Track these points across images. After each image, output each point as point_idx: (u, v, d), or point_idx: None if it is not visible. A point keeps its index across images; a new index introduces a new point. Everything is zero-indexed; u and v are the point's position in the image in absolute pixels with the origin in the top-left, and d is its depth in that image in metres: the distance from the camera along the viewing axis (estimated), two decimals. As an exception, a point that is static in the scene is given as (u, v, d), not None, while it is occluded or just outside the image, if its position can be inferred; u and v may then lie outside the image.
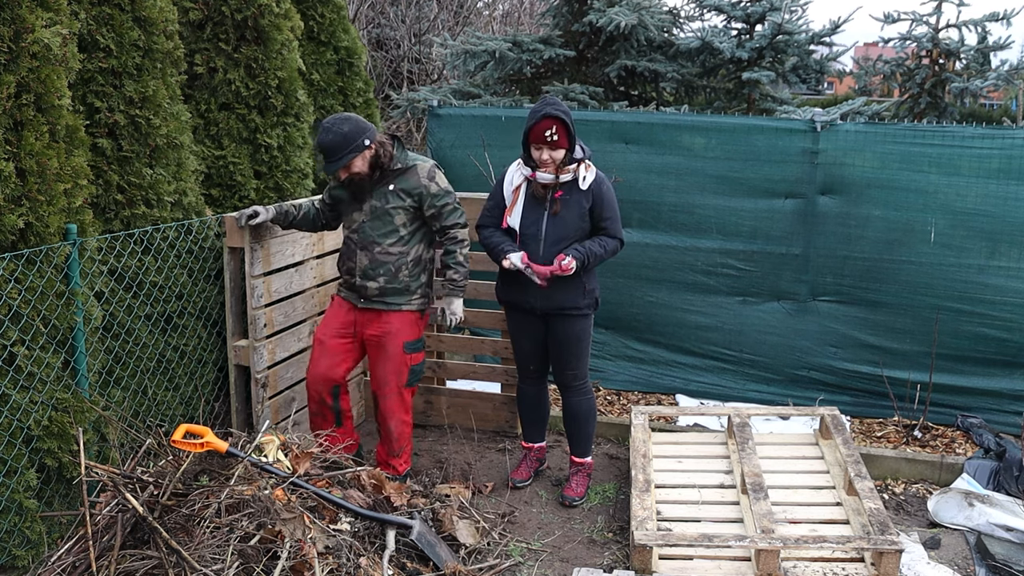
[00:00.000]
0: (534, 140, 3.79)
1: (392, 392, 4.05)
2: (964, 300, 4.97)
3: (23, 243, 3.19)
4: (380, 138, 3.89)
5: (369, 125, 3.87)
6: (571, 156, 3.84)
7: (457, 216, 3.98)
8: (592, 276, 4.04)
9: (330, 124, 3.80)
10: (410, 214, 3.93)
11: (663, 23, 7.68)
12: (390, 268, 3.94)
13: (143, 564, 2.85)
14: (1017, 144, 4.79)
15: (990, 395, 5.02)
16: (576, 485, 4.27)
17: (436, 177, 3.94)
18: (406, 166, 3.92)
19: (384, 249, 3.94)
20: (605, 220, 3.93)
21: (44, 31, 3.13)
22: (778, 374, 5.37)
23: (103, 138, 3.69)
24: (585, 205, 3.90)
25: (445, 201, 3.94)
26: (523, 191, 3.94)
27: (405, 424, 4.15)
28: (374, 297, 3.98)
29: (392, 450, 4.15)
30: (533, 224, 3.92)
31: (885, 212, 5.02)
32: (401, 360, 4.02)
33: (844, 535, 3.61)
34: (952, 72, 7.94)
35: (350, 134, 3.77)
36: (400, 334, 4.00)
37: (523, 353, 4.21)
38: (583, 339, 4.07)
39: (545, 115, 3.74)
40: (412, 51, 10.83)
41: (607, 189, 3.94)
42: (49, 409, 3.32)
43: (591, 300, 4.04)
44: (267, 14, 4.47)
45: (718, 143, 5.28)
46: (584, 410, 4.21)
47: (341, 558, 3.05)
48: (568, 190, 3.89)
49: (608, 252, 3.95)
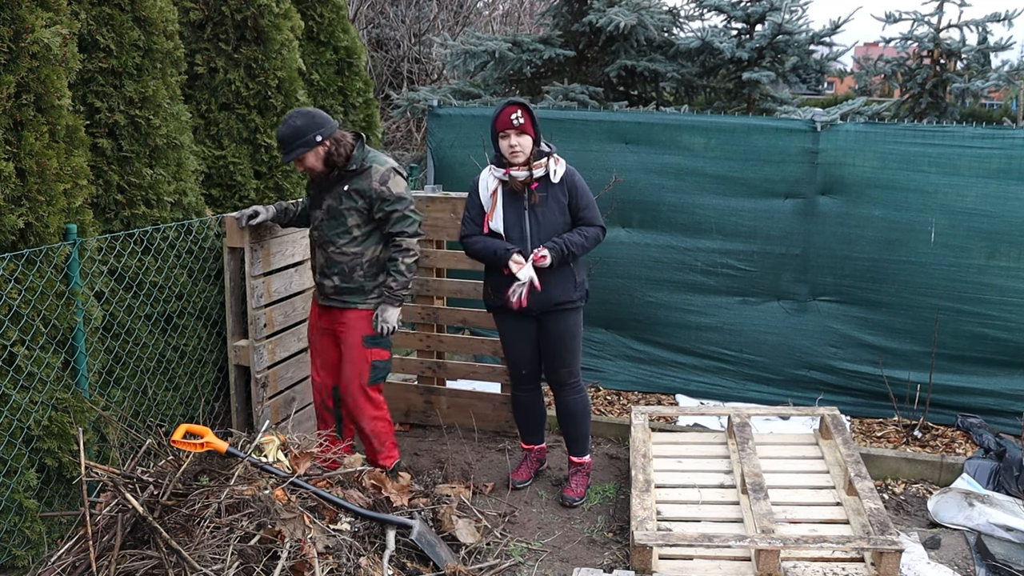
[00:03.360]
0: (501, 127, 3.86)
1: (356, 391, 4.00)
2: (964, 300, 4.96)
3: (23, 243, 3.19)
4: (338, 135, 3.83)
5: (327, 122, 3.81)
6: (538, 149, 3.91)
7: (405, 224, 3.88)
8: (581, 268, 4.08)
9: (288, 116, 3.82)
10: (363, 216, 3.87)
11: (663, 23, 7.68)
12: (344, 268, 3.91)
13: (143, 564, 2.85)
14: (1017, 144, 4.79)
15: (990, 395, 5.01)
16: (575, 485, 4.27)
17: (389, 181, 3.86)
18: (362, 167, 3.86)
19: (338, 248, 3.90)
20: (583, 210, 3.97)
21: (44, 31, 3.13)
22: (778, 374, 5.37)
23: (103, 138, 3.69)
24: (563, 199, 3.95)
25: (395, 207, 3.85)
26: (500, 194, 3.95)
27: (377, 420, 4.08)
28: (331, 295, 3.96)
29: (373, 447, 4.11)
30: (516, 224, 3.93)
31: (885, 212, 5.01)
32: (361, 356, 3.96)
33: (844, 535, 3.61)
34: (953, 72, 7.94)
35: (302, 128, 3.75)
36: (357, 329, 3.95)
37: (515, 357, 4.19)
38: (576, 334, 4.08)
39: (510, 102, 3.89)
40: (412, 51, 10.83)
41: (579, 179, 4.00)
42: (49, 409, 3.32)
43: (582, 292, 4.08)
44: (267, 14, 4.47)
45: (718, 143, 5.28)
46: (579, 408, 4.20)
47: (341, 558, 3.05)
48: (543, 185, 3.93)
49: (590, 240, 3.96)
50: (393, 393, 5.07)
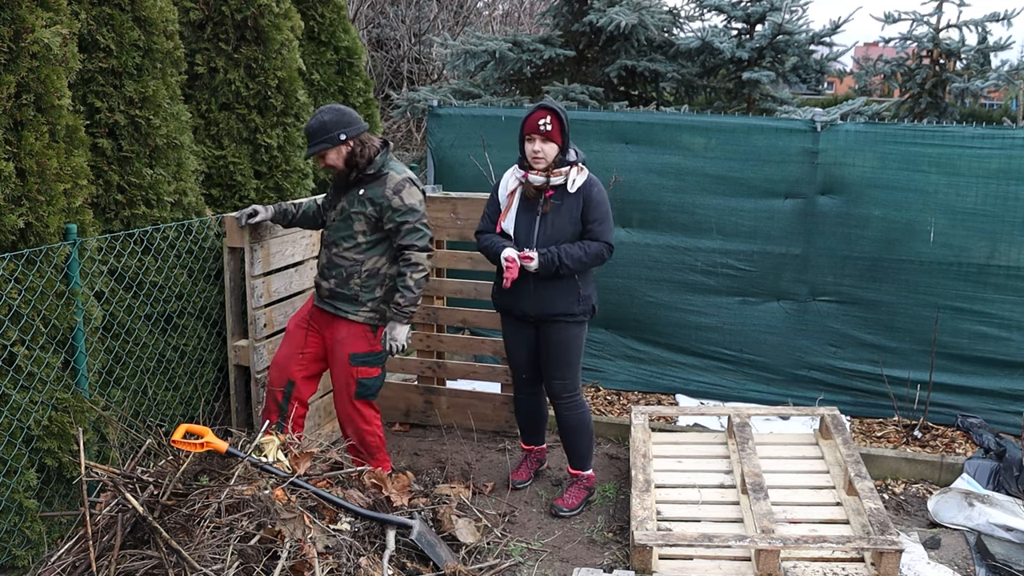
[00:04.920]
0: (528, 130, 3.81)
1: (344, 401, 3.96)
2: (964, 300, 4.97)
3: (23, 243, 3.19)
4: (364, 138, 3.79)
5: (356, 122, 3.78)
6: (563, 157, 3.84)
7: (415, 237, 3.78)
8: (588, 282, 3.98)
9: (319, 110, 3.82)
10: (371, 223, 3.80)
11: (663, 23, 7.68)
12: (342, 272, 3.85)
13: (143, 564, 2.85)
14: (1017, 144, 4.79)
15: (990, 395, 5.01)
16: (568, 497, 4.17)
17: (403, 191, 3.77)
18: (380, 173, 3.80)
19: (341, 252, 3.86)
20: (591, 223, 3.85)
21: (44, 31, 3.13)
22: (778, 374, 5.37)
23: (103, 138, 3.69)
24: (576, 209, 3.85)
25: (405, 219, 3.76)
26: (517, 195, 3.92)
27: (365, 432, 4.00)
28: (326, 298, 3.92)
29: (363, 456, 4.03)
30: (525, 227, 3.89)
31: (885, 212, 5.02)
32: (347, 372, 3.90)
33: (844, 535, 3.61)
34: (952, 72, 7.94)
35: (328, 123, 3.73)
36: (346, 344, 3.88)
37: (515, 360, 4.17)
38: (572, 346, 3.99)
39: (541, 106, 3.83)
40: (412, 51, 10.83)
41: (597, 192, 3.89)
42: (49, 409, 3.32)
43: (586, 307, 3.97)
44: (267, 14, 4.47)
45: (718, 143, 5.28)
46: (575, 425, 4.11)
47: (341, 558, 3.05)
48: (559, 194, 3.86)
49: (590, 255, 3.83)
50: (393, 393, 5.08)
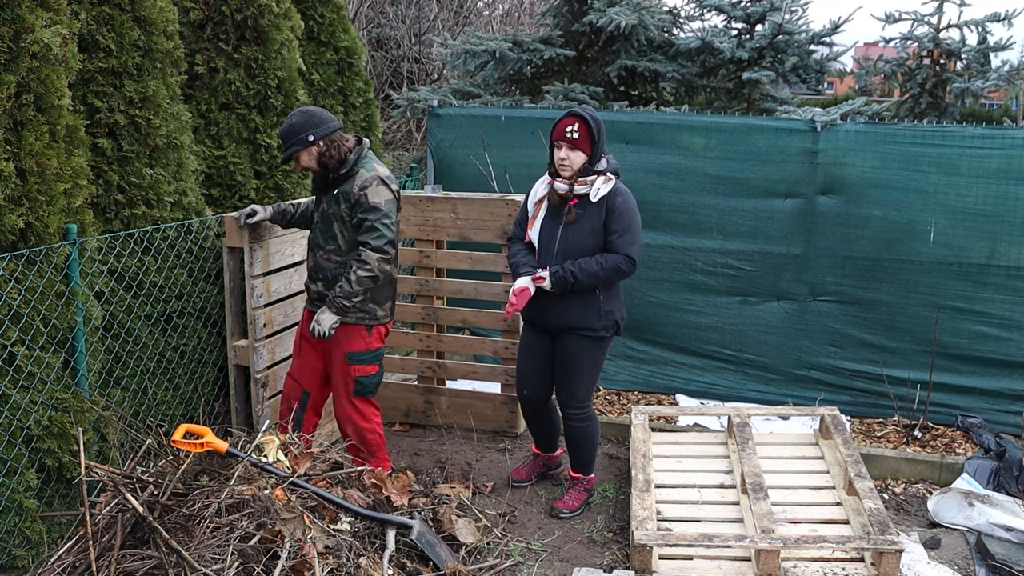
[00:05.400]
0: (555, 137, 3.76)
1: (343, 399, 3.94)
2: (964, 300, 4.97)
3: (23, 243, 3.19)
4: (335, 137, 3.74)
5: (325, 122, 3.73)
6: (591, 167, 3.76)
7: (371, 236, 3.69)
8: (611, 297, 3.88)
9: (290, 114, 3.79)
10: (346, 223, 3.76)
11: (663, 23, 7.68)
12: (328, 275, 3.83)
13: (143, 564, 2.85)
14: (1017, 144, 4.79)
15: (990, 395, 5.02)
16: (569, 498, 4.16)
17: (369, 188, 3.70)
18: (352, 172, 3.75)
19: (325, 254, 3.84)
20: (612, 234, 3.74)
21: (44, 31, 3.13)
22: (778, 374, 5.37)
23: (103, 138, 3.69)
24: (598, 220, 3.76)
25: (366, 216, 3.69)
26: (544, 203, 3.88)
27: (365, 431, 3.98)
28: (315, 300, 3.91)
29: (362, 454, 4.01)
30: (548, 236, 3.85)
31: (885, 212, 5.02)
32: (344, 371, 3.89)
33: (844, 535, 3.61)
34: (953, 72, 7.93)
35: (296, 126, 3.70)
36: (342, 344, 3.85)
37: (522, 369, 4.11)
38: (585, 359, 3.92)
39: (571, 112, 3.75)
40: (412, 51, 10.83)
41: (621, 202, 3.76)
42: (49, 409, 3.32)
43: (608, 323, 3.87)
44: (267, 14, 4.47)
45: (718, 143, 5.28)
46: (580, 435, 4.08)
47: (341, 558, 3.05)
48: (582, 203, 3.78)
49: (607, 269, 3.73)
50: (393, 393, 5.08)
